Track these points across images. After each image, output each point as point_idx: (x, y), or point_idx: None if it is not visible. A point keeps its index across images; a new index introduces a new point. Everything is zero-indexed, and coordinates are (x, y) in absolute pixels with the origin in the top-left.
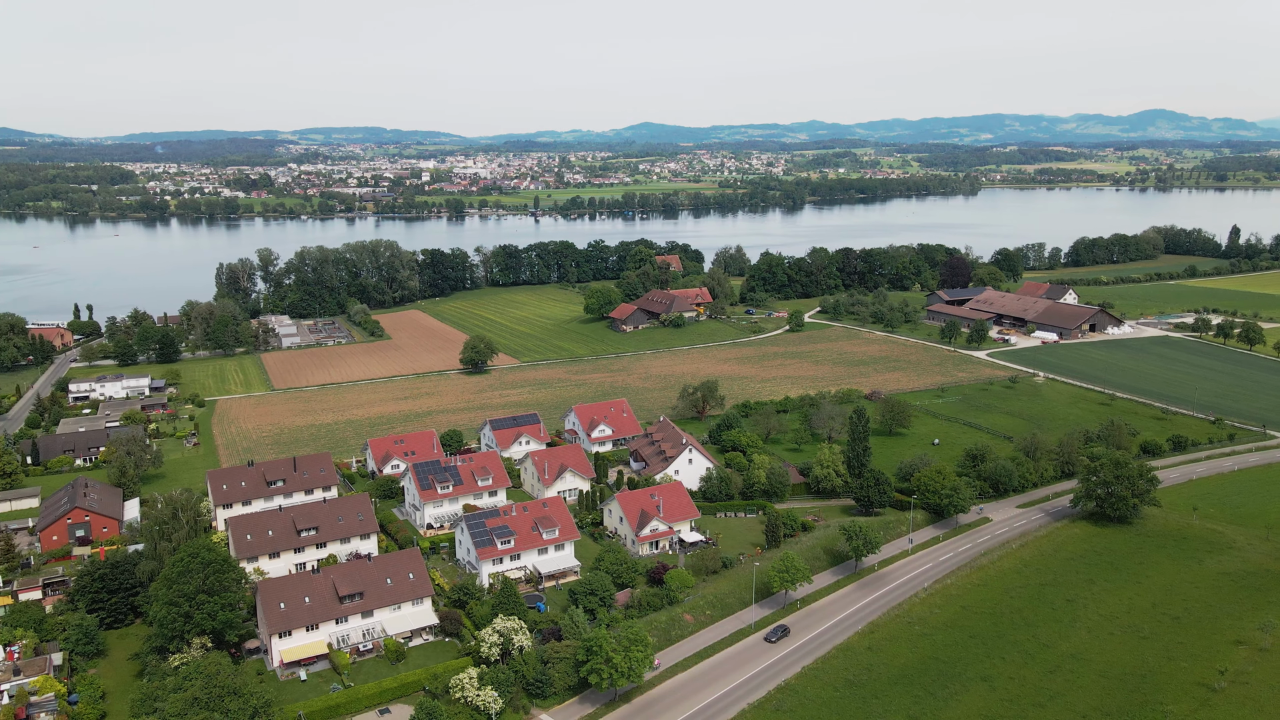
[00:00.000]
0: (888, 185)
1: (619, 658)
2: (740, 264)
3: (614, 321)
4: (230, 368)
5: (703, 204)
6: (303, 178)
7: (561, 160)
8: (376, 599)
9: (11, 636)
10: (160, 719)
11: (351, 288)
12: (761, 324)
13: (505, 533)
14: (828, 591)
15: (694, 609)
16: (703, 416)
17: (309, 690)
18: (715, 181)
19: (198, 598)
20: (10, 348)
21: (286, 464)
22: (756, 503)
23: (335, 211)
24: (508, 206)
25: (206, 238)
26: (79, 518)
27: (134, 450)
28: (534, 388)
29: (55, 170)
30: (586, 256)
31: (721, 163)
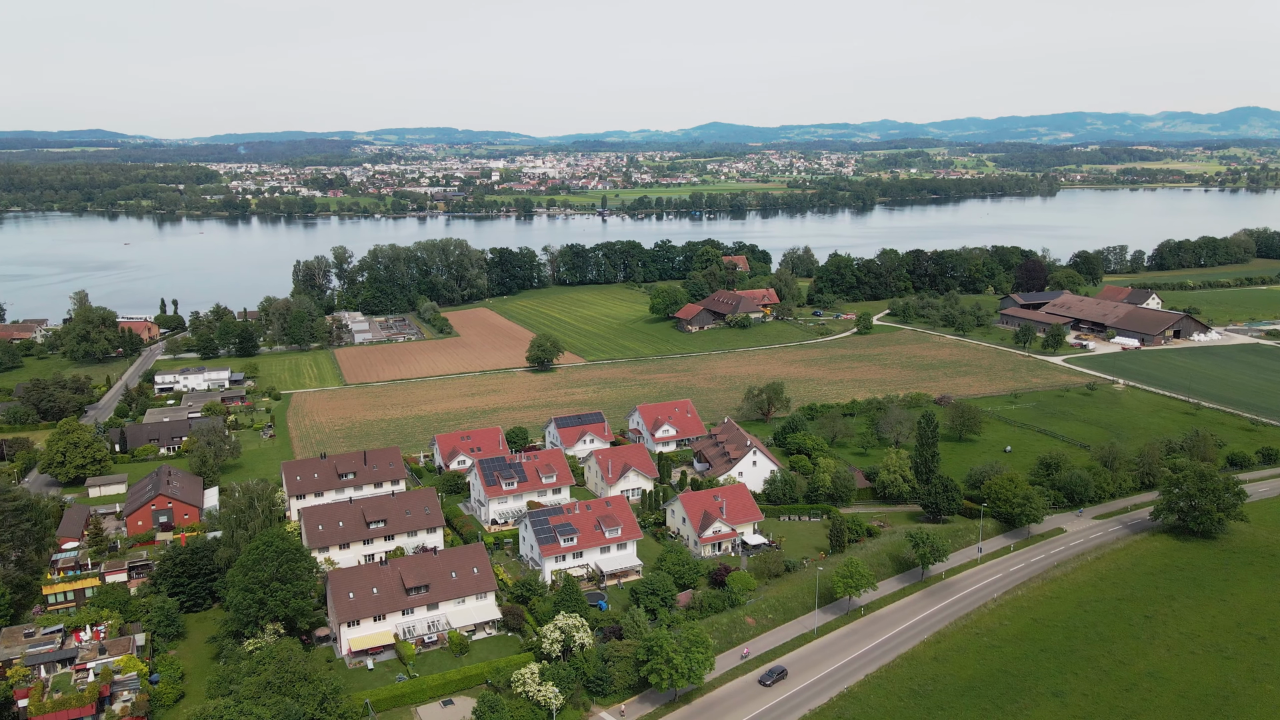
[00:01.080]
0: (961, 186)
1: (679, 658)
2: (808, 265)
3: (679, 321)
4: (305, 362)
5: (771, 204)
6: (377, 177)
7: (629, 160)
8: (442, 592)
9: (98, 617)
10: (235, 701)
11: (422, 285)
12: (829, 326)
13: (568, 530)
14: (893, 599)
15: (756, 612)
16: (768, 418)
17: (375, 679)
18: (784, 182)
19: (271, 585)
20: (102, 340)
21: (357, 457)
22: (821, 507)
23: (407, 210)
24: (575, 206)
25: (285, 236)
26: (162, 504)
27: (214, 441)
28: (599, 387)
29: (146, 170)
30: (653, 256)
31: (790, 163)
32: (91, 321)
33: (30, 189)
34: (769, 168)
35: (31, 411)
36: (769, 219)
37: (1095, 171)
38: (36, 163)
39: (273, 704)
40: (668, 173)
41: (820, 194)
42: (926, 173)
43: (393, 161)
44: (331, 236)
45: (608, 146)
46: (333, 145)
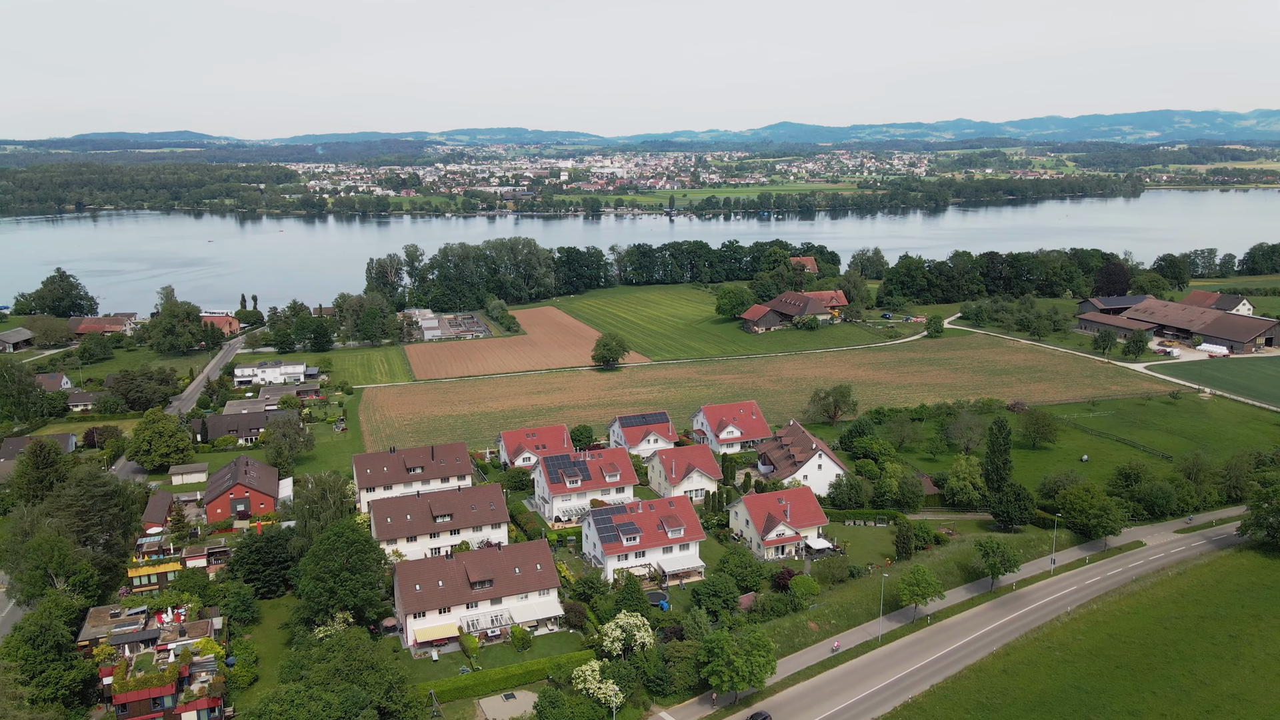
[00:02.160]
0: (1039, 186)
1: (740, 661)
2: (878, 267)
3: (746, 323)
4: (377, 358)
5: (840, 205)
6: (448, 177)
7: (698, 160)
8: (505, 587)
9: (179, 600)
10: (305, 686)
11: (490, 284)
12: (898, 329)
13: (631, 529)
14: (960, 609)
15: (819, 617)
16: (834, 422)
17: (440, 670)
18: (854, 182)
19: (341, 575)
20: (186, 334)
21: (425, 452)
22: (887, 512)
23: (477, 210)
24: (643, 206)
25: (359, 234)
26: (240, 493)
27: (289, 433)
28: (664, 386)
29: (229, 170)
30: (720, 257)
31: (861, 163)
32: (177, 316)
33: (123, 188)
34: (839, 168)
35: (120, 401)
36: (838, 220)
37: (1183, 172)
38: (128, 163)
39: (341, 690)
40: (736, 173)
41: (891, 194)
42: (1002, 173)
43: (464, 161)
44: (404, 235)
45: (676, 146)
46: (406, 145)
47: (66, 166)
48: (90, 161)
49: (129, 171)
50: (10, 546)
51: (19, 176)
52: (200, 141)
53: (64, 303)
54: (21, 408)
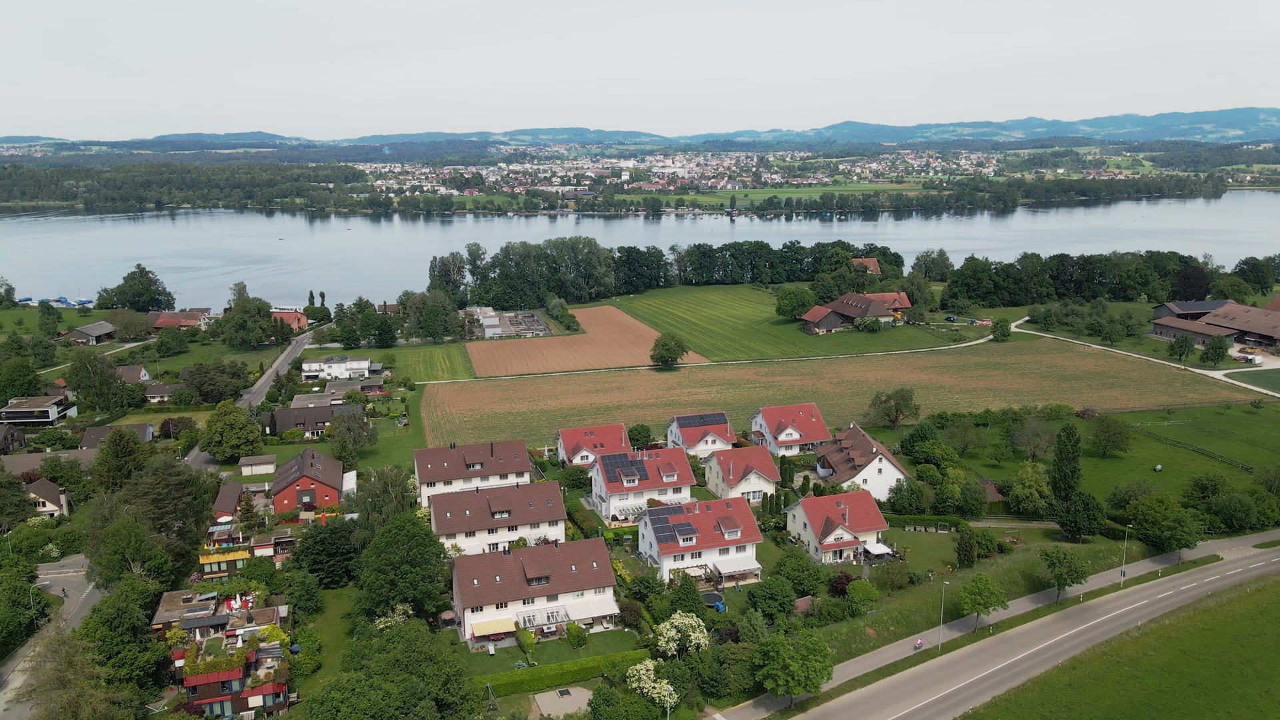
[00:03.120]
0: (1113, 187)
1: (796, 665)
2: (942, 269)
3: (806, 324)
4: (438, 355)
5: (904, 205)
6: (510, 176)
7: (759, 160)
8: (562, 584)
9: (247, 587)
10: (366, 675)
11: (551, 282)
12: (963, 332)
13: (688, 530)
14: (1024, 620)
15: (877, 623)
16: (895, 425)
17: (496, 664)
18: (919, 182)
19: (402, 567)
20: (257, 329)
21: (485, 448)
22: (949, 519)
23: (539, 209)
24: (704, 206)
25: (423, 232)
26: (306, 485)
27: (353, 427)
28: (722, 387)
29: (299, 170)
30: (781, 257)
31: (927, 163)
32: (248, 311)
33: (199, 187)
34: (903, 168)
35: (194, 394)
36: (902, 221)
37: (1268, 172)
38: (205, 163)
39: (400, 681)
40: (798, 173)
41: (957, 195)
42: (1075, 173)
43: (526, 161)
44: (466, 234)
45: (738, 146)
46: (470, 145)
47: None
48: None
49: (205, 171)
50: (91, 531)
51: (103, 176)
52: (273, 142)
53: (143, 298)
54: (103, 398)
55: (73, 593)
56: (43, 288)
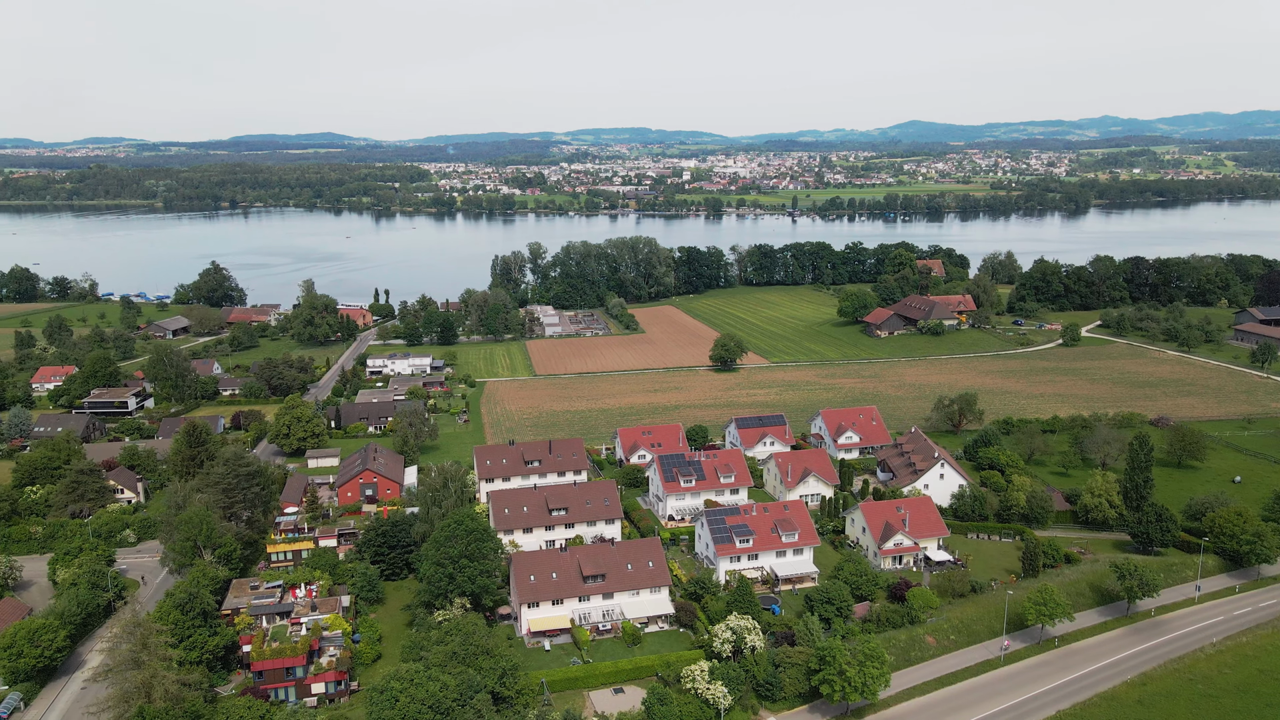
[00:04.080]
0: (1192, 187)
1: (853, 671)
2: (1010, 271)
3: (868, 326)
4: (499, 352)
5: (971, 206)
6: (572, 176)
7: (822, 160)
8: (617, 582)
9: (312, 577)
10: (424, 666)
11: (611, 282)
12: (1030, 336)
13: (744, 531)
14: (1091, 633)
15: (937, 631)
16: (958, 430)
17: (551, 660)
18: (986, 183)
19: (460, 561)
20: (324, 325)
21: (543, 446)
22: (1013, 527)
23: (600, 208)
24: (765, 206)
25: (485, 231)
26: (369, 479)
27: (415, 423)
28: (781, 389)
29: (367, 170)
30: (843, 258)
31: (995, 162)
32: (316, 308)
33: (271, 187)
34: (970, 168)
35: (263, 387)
36: (968, 222)
37: None
38: (277, 163)
39: (457, 673)
40: (861, 173)
41: (1027, 196)
42: (1152, 173)
43: (588, 161)
44: (528, 232)
45: (800, 146)
46: (533, 145)
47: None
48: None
49: (277, 171)
50: (165, 518)
51: (181, 176)
52: (341, 142)
53: (217, 293)
54: (178, 391)
55: (148, 577)
56: (124, 283)
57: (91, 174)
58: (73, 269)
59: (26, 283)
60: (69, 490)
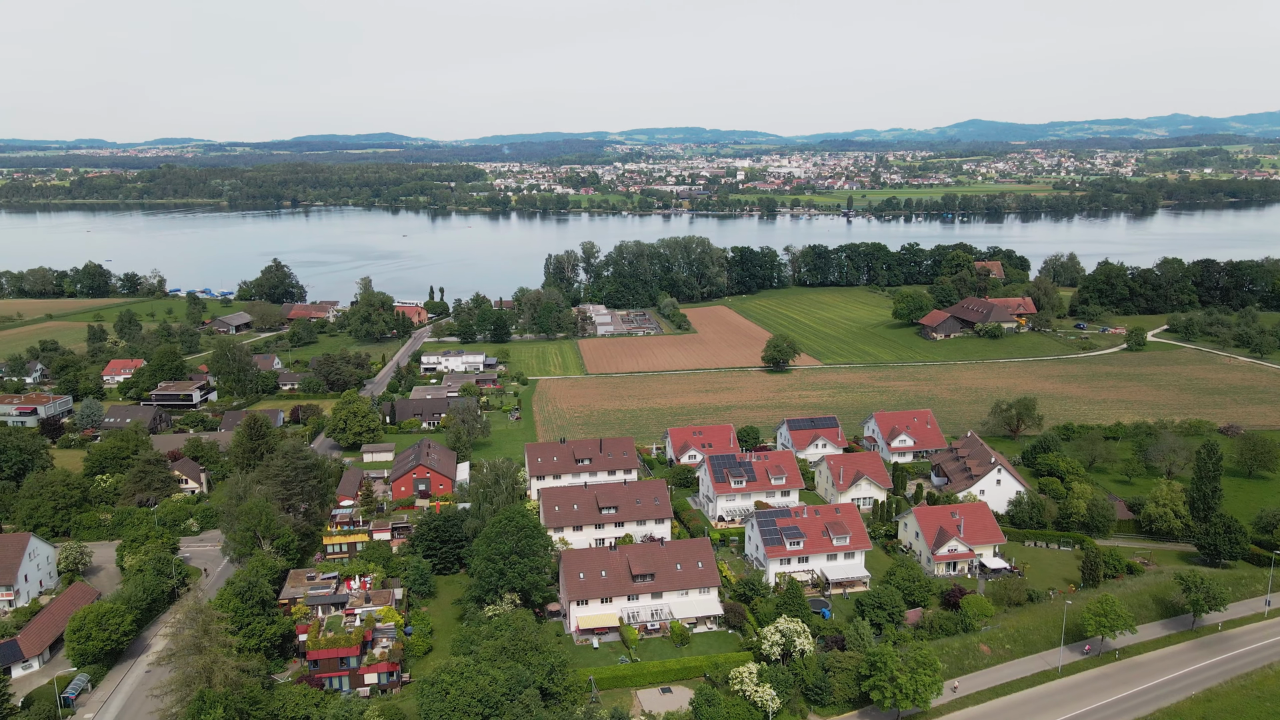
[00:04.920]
0: (1268, 188)
1: (905, 678)
2: (1072, 273)
3: (924, 328)
4: (551, 351)
5: (1032, 207)
6: (626, 176)
7: (878, 160)
8: (666, 582)
9: (366, 569)
10: (474, 660)
11: (663, 281)
12: (1093, 340)
13: (795, 534)
14: (1154, 646)
15: (991, 640)
16: (1016, 436)
17: (599, 658)
18: (1049, 183)
19: (510, 557)
20: (380, 322)
21: (594, 444)
22: (1073, 535)
23: (653, 208)
24: (819, 206)
25: (539, 230)
26: (422, 474)
27: (468, 419)
28: (834, 390)
29: (424, 170)
30: (898, 259)
31: (1058, 162)
32: (373, 305)
33: (331, 186)
34: (1032, 168)
35: (322, 382)
36: (1029, 223)
37: None
38: (337, 163)
39: (507, 668)
40: (919, 173)
41: (1091, 196)
42: (1224, 173)
43: (641, 160)
44: (581, 232)
45: (856, 146)
46: (587, 145)
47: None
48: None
49: (337, 171)
50: (226, 509)
51: (246, 175)
52: (399, 142)
53: (278, 290)
54: (240, 385)
55: (209, 565)
56: (190, 279)
57: (161, 174)
58: (142, 266)
59: (99, 278)
60: (136, 480)
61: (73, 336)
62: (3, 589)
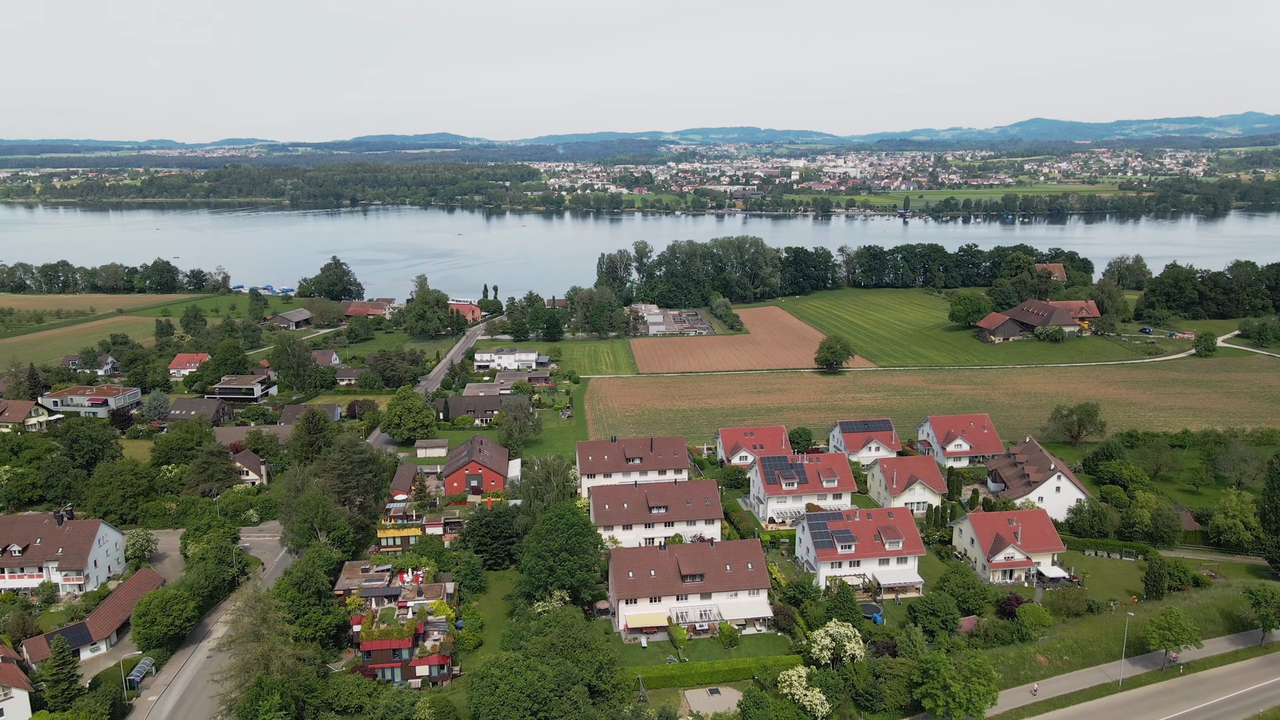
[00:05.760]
0: None
1: (958, 687)
2: (1138, 276)
3: (981, 331)
4: (603, 350)
5: (1097, 208)
6: (679, 175)
7: (936, 160)
8: (715, 583)
9: (418, 562)
10: (524, 656)
11: (716, 281)
12: (1159, 345)
13: (846, 537)
14: (1220, 661)
15: (1049, 651)
16: (1077, 442)
17: (647, 657)
18: (1115, 183)
19: (560, 555)
20: (435, 319)
21: (644, 443)
22: (1136, 546)
23: (706, 208)
24: (875, 207)
25: (592, 229)
26: (474, 470)
27: (520, 417)
28: (888, 393)
29: (479, 169)
30: (956, 261)
31: (1125, 162)
32: (428, 303)
33: (389, 185)
34: (1097, 168)
35: (378, 379)
36: (1093, 224)
37: None
38: (395, 163)
39: (555, 664)
40: (978, 173)
41: (1159, 197)
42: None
43: (695, 160)
44: (634, 231)
45: (914, 145)
46: (641, 145)
47: (345, 166)
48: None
49: (394, 170)
50: (285, 500)
51: (307, 175)
52: (456, 142)
53: (337, 287)
54: (299, 380)
55: (267, 556)
56: (253, 276)
57: (226, 173)
58: (208, 262)
59: (167, 275)
60: (200, 470)
61: (142, 331)
62: (74, 573)
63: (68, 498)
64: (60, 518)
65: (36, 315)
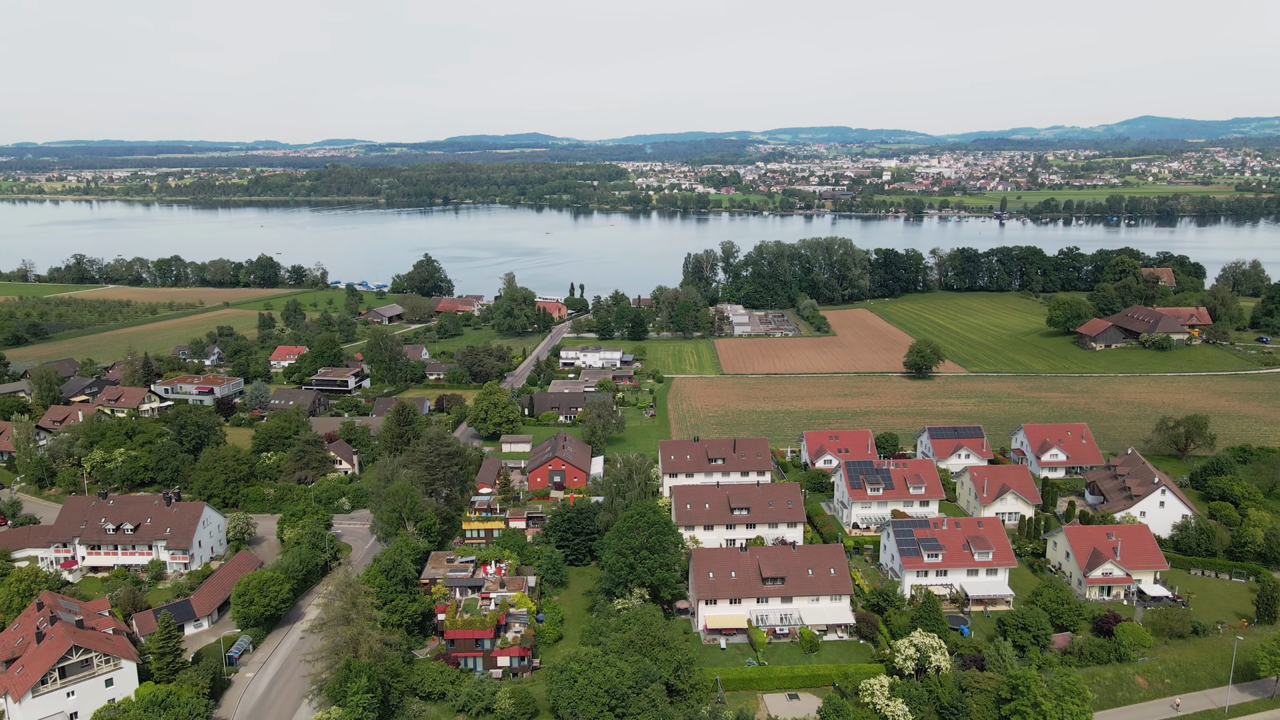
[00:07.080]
0: None
1: (1050, 705)
2: (1254, 282)
3: (1081, 338)
4: (687, 349)
5: (1210, 210)
6: (768, 175)
7: (1036, 159)
8: (797, 587)
9: (501, 555)
10: (603, 652)
11: (803, 283)
12: (1277, 355)
13: (934, 545)
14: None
15: (1149, 672)
16: (1183, 456)
17: (726, 659)
18: (1230, 184)
19: (641, 553)
20: (522, 317)
21: (727, 444)
22: (1247, 566)
23: (794, 208)
24: (970, 208)
25: (679, 229)
26: (557, 466)
27: (603, 414)
28: (980, 400)
29: (568, 169)
30: (1055, 264)
31: (1242, 161)
32: (516, 300)
33: (480, 184)
34: (1211, 167)
35: (465, 374)
36: (1206, 227)
37: None
38: (486, 162)
39: (634, 661)
40: (1081, 173)
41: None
42: None
43: (784, 160)
44: (721, 231)
45: (1012, 145)
46: (729, 145)
47: (438, 166)
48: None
49: (486, 170)
50: (375, 490)
51: (402, 174)
52: (545, 142)
53: (428, 284)
54: (391, 373)
55: (357, 543)
56: (349, 272)
57: (327, 173)
58: (308, 258)
59: (270, 270)
60: (297, 458)
61: (246, 323)
62: (180, 552)
63: (176, 480)
64: (169, 499)
65: (151, 307)
